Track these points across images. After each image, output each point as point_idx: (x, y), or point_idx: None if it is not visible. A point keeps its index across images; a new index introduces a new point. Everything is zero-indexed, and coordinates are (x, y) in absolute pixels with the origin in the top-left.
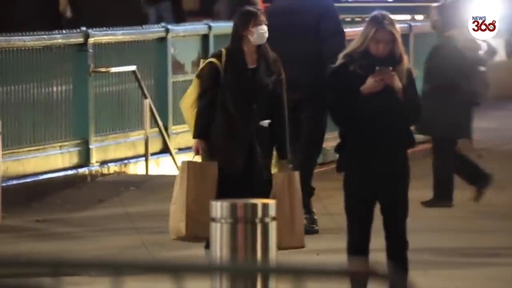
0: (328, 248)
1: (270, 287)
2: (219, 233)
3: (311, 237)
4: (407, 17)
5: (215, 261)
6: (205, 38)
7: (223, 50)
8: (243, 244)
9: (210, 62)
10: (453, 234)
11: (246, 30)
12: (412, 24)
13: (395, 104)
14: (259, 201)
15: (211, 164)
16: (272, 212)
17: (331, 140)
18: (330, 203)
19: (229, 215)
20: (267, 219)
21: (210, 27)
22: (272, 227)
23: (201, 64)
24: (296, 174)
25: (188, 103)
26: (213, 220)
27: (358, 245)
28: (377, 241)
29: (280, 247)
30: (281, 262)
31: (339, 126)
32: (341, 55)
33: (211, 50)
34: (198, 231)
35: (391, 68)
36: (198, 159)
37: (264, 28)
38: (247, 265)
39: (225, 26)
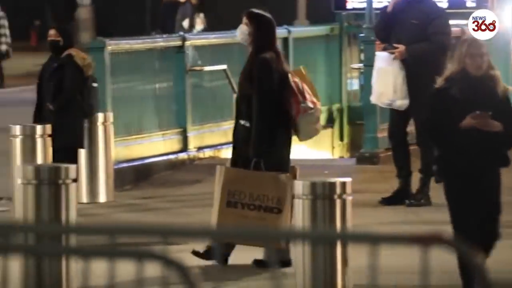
0: None
1: None
2: None
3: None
4: None
5: None
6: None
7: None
8: None
9: None
10: None
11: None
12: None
13: (489, 136)
14: None
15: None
16: None
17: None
18: None
19: None
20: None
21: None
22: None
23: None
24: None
25: None
26: None
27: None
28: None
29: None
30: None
31: (435, 144)
32: (441, 78)
33: (291, 52)
34: None
35: (490, 113)
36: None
37: None
38: None
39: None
